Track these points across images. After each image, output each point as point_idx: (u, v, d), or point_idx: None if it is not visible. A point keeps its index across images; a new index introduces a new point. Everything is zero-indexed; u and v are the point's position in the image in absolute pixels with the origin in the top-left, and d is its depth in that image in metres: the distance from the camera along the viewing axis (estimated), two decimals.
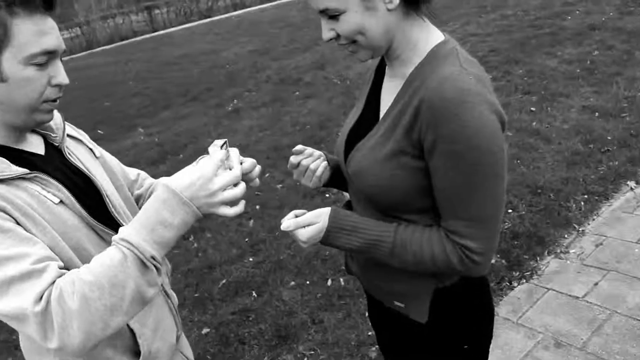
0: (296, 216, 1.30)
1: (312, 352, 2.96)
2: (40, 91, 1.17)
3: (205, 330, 3.29)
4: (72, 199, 1.24)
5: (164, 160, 6.45)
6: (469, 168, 1.12)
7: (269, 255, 3.94)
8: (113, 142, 7.59)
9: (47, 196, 1.20)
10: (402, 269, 1.29)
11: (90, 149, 1.47)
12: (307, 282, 3.54)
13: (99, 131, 8.20)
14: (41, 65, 1.15)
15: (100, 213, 1.32)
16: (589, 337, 2.72)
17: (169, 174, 1.19)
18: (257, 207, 4.68)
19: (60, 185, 1.23)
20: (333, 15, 1.16)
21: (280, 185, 5.02)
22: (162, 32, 21.68)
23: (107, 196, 1.37)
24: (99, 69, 14.84)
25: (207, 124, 7.56)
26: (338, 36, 1.20)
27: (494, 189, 1.16)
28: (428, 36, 1.23)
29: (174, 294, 1.59)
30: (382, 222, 1.29)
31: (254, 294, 3.55)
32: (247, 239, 4.22)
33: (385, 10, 1.15)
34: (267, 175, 5.23)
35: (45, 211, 1.18)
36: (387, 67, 1.35)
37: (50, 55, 1.16)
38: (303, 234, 1.27)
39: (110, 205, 1.37)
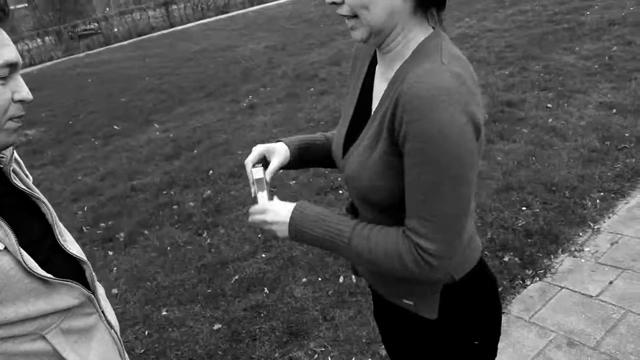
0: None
1: (323, 349, 2.96)
2: (4, 107, 1.09)
3: (217, 326, 3.30)
4: (16, 245, 1.10)
5: (178, 156, 6.47)
6: (433, 168, 1.10)
7: (281, 252, 3.95)
8: (128, 138, 7.64)
9: None
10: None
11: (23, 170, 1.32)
12: (319, 279, 3.54)
13: (115, 127, 8.26)
14: (3, 79, 1.07)
15: (43, 242, 1.21)
16: (603, 337, 2.69)
17: (183, 169, 1.17)
18: None
19: (8, 230, 1.09)
20: None
21: (294, 182, 5.02)
22: (179, 27, 21.74)
23: (55, 223, 1.25)
24: (116, 65, 14.93)
25: (222, 119, 7.57)
26: (342, 2, 1.17)
27: (456, 191, 1.12)
28: (422, 36, 1.21)
29: (115, 318, 1.46)
30: (346, 218, 1.30)
31: (266, 290, 3.55)
32: (259, 235, 4.23)
33: None
34: (280, 171, 5.22)
35: None
36: (377, 65, 1.32)
37: (11, 68, 1.08)
38: (273, 204, 1.36)
39: (57, 233, 1.25)
